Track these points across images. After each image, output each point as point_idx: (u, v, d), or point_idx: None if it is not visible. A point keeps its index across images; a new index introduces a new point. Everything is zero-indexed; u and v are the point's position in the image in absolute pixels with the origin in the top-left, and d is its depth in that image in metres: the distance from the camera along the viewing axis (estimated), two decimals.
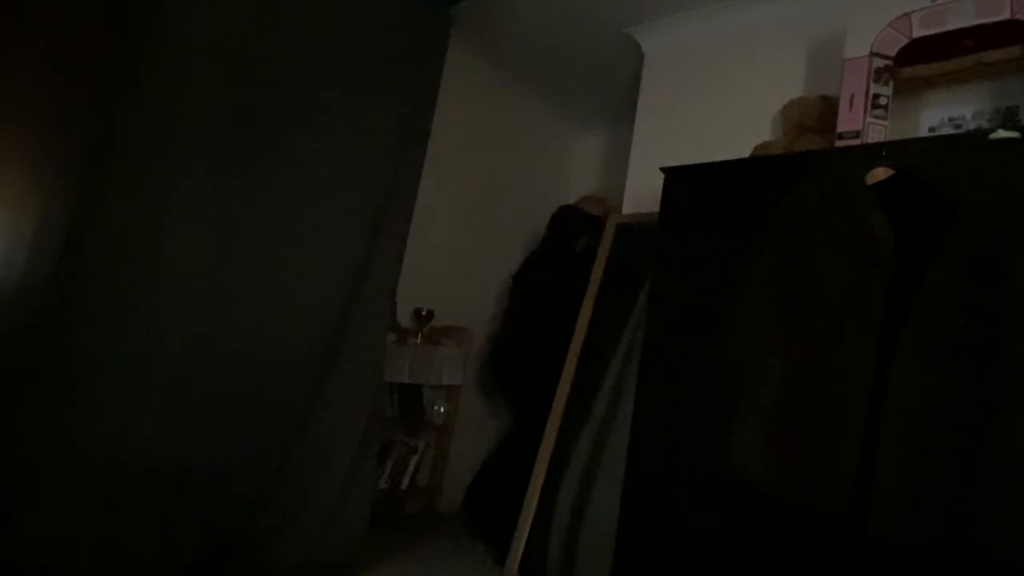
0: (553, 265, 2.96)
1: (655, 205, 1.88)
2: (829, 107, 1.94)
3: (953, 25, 1.60)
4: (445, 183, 2.97)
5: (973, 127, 1.72)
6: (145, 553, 1.67)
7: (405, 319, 2.88)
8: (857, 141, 1.67)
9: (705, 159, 1.82)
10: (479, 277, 3.25)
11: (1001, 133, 1.30)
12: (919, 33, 1.65)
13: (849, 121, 1.71)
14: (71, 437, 1.55)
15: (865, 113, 1.68)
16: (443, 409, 3.01)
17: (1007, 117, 1.67)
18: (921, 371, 1.23)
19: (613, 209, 2.85)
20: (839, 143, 1.71)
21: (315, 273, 2.02)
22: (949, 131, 1.75)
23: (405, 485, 2.81)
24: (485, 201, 3.33)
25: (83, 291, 1.58)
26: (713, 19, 2.59)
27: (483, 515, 2.61)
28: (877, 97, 1.69)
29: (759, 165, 1.85)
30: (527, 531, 2.10)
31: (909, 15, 1.66)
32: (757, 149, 2.13)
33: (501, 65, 3.25)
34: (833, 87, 1.86)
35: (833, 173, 1.51)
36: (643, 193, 2.55)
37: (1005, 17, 1.52)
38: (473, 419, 3.18)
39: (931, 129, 1.79)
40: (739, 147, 2.12)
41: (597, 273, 2.42)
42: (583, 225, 2.97)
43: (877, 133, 1.68)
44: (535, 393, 2.63)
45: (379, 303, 2.24)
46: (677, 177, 1.84)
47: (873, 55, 1.70)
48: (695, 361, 1.64)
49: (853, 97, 1.71)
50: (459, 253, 3.16)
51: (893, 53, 1.69)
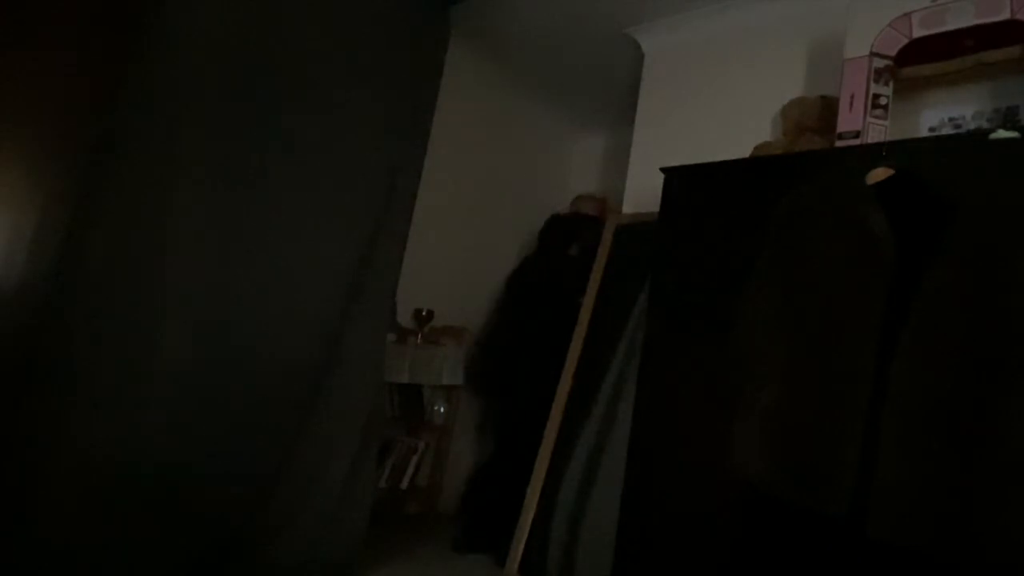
0: (547, 270, 2.95)
1: (655, 205, 1.89)
2: (829, 107, 1.94)
3: (953, 25, 1.60)
4: (445, 183, 2.97)
5: (973, 127, 1.72)
6: (145, 553, 1.67)
7: (405, 319, 2.88)
8: (857, 141, 1.67)
9: (705, 159, 1.83)
10: (479, 277, 3.25)
11: (1001, 133, 1.30)
12: (919, 33, 1.65)
13: (849, 121, 1.71)
14: (71, 437, 1.55)
15: (865, 113, 1.68)
16: (443, 409, 3.01)
17: (1007, 117, 1.67)
18: (921, 371, 1.23)
19: (612, 209, 2.85)
20: (839, 143, 1.71)
21: (315, 273, 2.02)
22: (949, 131, 1.75)
23: (405, 485, 2.81)
24: (485, 201, 3.33)
25: (83, 291, 1.58)
26: (713, 19, 2.59)
27: (479, 522, 2.57)
28: (877, 97, 1.69)
29: (759, 165, 1.85)
30: (527, 531, 2.10)
31: (909, 15, 1.66)
32: (757, 149, 2.13)
33: (501, 65, 3.25)
34: (833, 87, 1.86)
35: (833, 173, 1.51)
36: (643, 193, 2.55)
37: (1005, 17, 1.53)
38: (473, 419, 3.18)
39: (931, 129, 1.79)
40: (739, 147, 2.12)
41: (597, 273, 2.41)
42: (575, 230, 2.97)
43: (877, 133, 1.68)
44: (523, 396, 2.63)
45: (379, 303, 2.23)
46: (677, 177, 1.84)
47: (873, 55, 1.70)
48: (695, 361, 1.64)
49: (853, 97, 1.71)
50: (459, 253, 3.16)
51: (893, 53, 1.69)
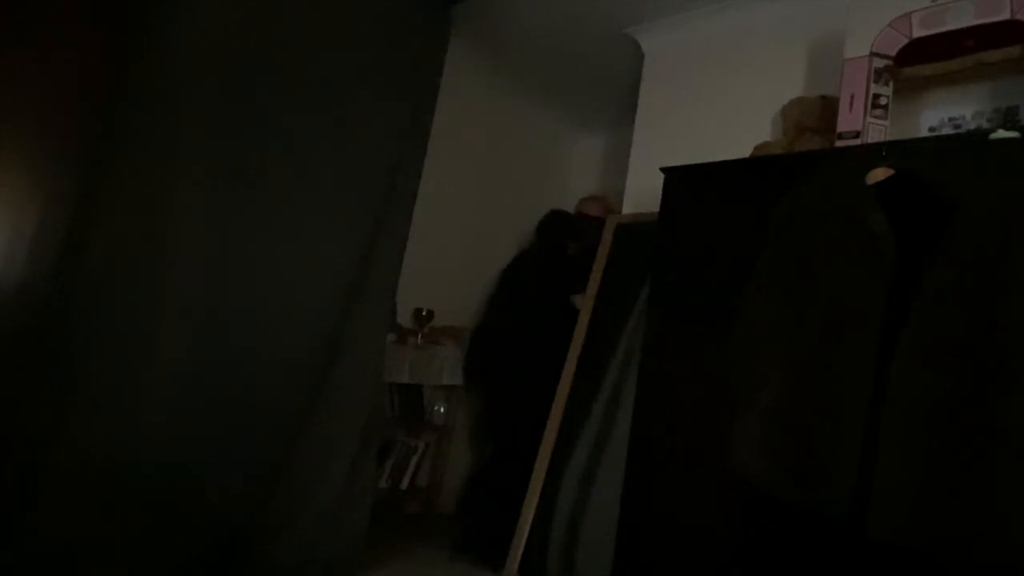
0: (542, 266, 2.90)
1: (655, 205, 1.88)
2: (829, 107, 1.94)
3: (953, 25, 1.60)
4: (445, 183, 2.97)
5: (973, 127, 1.72)
6: (145, 553, 1.67)
7: (405, 319, 2.88)
8: (857, 141, 1.67)
9: (705, 159, 1.83)
10: (479, 277, 3.25)
11: (1001, 133, 1.30)
12: (919, 33, 1.65)
13: (849, 121, 1.71)
14: (71, 437, 1.55)
15: (865, 113, 1.68)
16: (443, 409, 3.01)
17: (1007, 117, 1.67)
18: (921, 371, 1.23)
19: (614, 209, 2.85)
20: (839, 143, 1.71)
21: (315, 273, 2.02)
22: (949, 131, 1.75)
23: (405, 485, 2.81)
24: (485, 201, 3.33)
25: (83, 291, 1.58)
26: (713, 19, 2.59)
27: (476, 528, 2.52)
28: (877, 97, 1.69)
29: (759, 165, 1.85)
30: (527, 531, 2.10)
31: (909, 15, 1.66)
32: (757, 149, 2.13)
33: (501, 65, 3.25)
34: (833, 87, 1.86)
35: (833, 173, 1.51)
36: (643, 193, 2.55)
37: (1005, 17, 1.52)
38: (473, 419, 3.18)
39: (931, 129, 1.79)
40: (739, 147, 2.12)
41: (597, 273, 2.41)
42: (573, 229, 2.95)
43: (877, 133, 1.68)
44: (514, 393, 2.60)
45: (379, 303, 2.23)
46: (677, 177, 1.84)
47: (873, 55, 1.70)
48: (695, 361, 1.64)
49: (853, 97, 1.71)
50: (459, 253, 3.16)
51: (893, 53, 1.69)
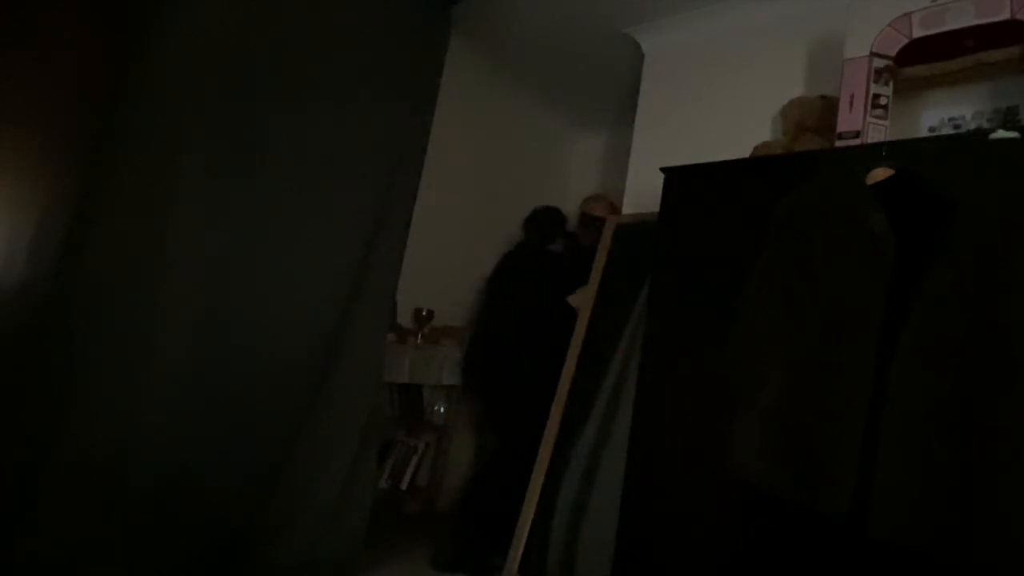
0: (529, 267, 2.84)
1: (655, 205, 1.88)
2: (829, 107, 1.94)
3: (953, 25, 1.60)
4: (445, 183, 2.97)
5: (973, 127, 1.72)
6: (145, 553, 1.67)
7: (405, 319, 2.88)
8: (857, 141, 1.67)
9: (705, 159, 1.82)
10: (479, 277, 3.25)
11: (1001, 133, 1.30)
12: (919, 33, 1.65)
13: (849, 121, 1.71)
14: (71, 437, 1.55)
15: (865, 113, 1.68)
16: (443, 409, 3.01)
17: (1007, 117, 1.67)
18: (921, 371, 1.23)
19: (618, 208, 2.84)
20: (839, 143, 1.71)
21: (315, 273, 2.02)
22: (949, 131, 1.75)
23: (405, 485, 2.81)
24: (485, 201, 3.33)
25: (83, 291, 1.58)
26: (713, 19, 2.59)
27: (474, 535, 2.48)
28: (877, 97, 1.69)
29: (759, 165, 1.85)
30: (527, 531, 2.10)
31: (909, 15, 1.66)
32: (757, 149, 2.13)
33: (501, 65, 3.25)
34: (833, 87, 1.86)
35: (833, 173, 1.51)
36: (643, 193, 2.55)
37: (1005, 17, 1.52)
38: (473, 419, 3.18)
39: (931, 129, 1.79)
40: (739, 147, 2.12)
41: (597, 273, 2.41)
42: (560, 225, 2.92)
43: (877, 133, 1.68)
44: (513, 400, 2.58)
45: (379, 303, 2.23)
46: (677, 177, 1.84)
47: (873, 55, 1.70)
48: (695, 361, 1.64)
49: (853, 97, 1.71)
50: (459, 253, 3.16)
51: (893, 53, 1.69)
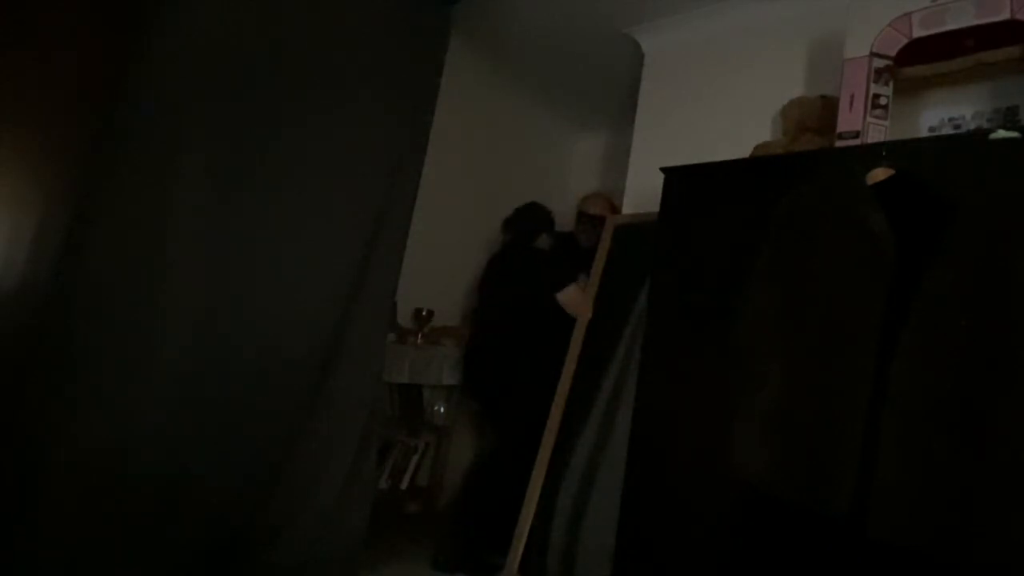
0: (514, 266, 2.76)
1: (655, 205, 1.88)
2: (829, 107, 1.94)
3: (953, 25, 1.60)
4: (445, 183, 2.97)
5: (973, 127, 1.72)
6: (145, 553, 1.67)
7: (405, 319, 2.88)
8: (857, 141, 1.67)
9: (705, 159, 1.83)
10: (479, 277, 3.25)
11: (1001, 133, 1.30)
12: (919, 33, 1.65)
13: (849, 121, 1.71)
14: (71, 437, 1.55)
15: (865, 113, 1.68)
16: (443, 409, 3.00)
17: (1007, 117, 1.67)
18: (921, 371, 1.23)
19: (617, 207, 2.83)
20: (839, 143, 1.71)
21: (315, 273, 2.02)
22: (949, 131, 1.76)
23: (405, 485, 2.81)
24: (485, 201, 3.32)
25: (83, 291, 1.58)
26: (713, 19, 2.59)
27: (473, 534, 2.45)
28: (877, 97, 1.69)
29: (759, 165, 1.85)
30: (527, 531, 2.10)
31: (909, 15, 1.66)
32: (757, 149, 2.13)
33: (501, 65, 3.25)
34: (833, 87, 1.86)
35: (833, 173, 1.51)
36: (643, 193, 2.55)
37: (1005, 17, 1.52)
38: (473, 419, 3.18)
39: (931, 129, 1.80)
40: (739, 147, 2.12)
41: (597, 273, 2.42)
42: (545, 221, 2.86)
43: (877, 133, 1.68)
44: (509, 399, 2.57)
45: (379, 303, 2.23)
46: (677, 177, 1.84)
47: (873, 55, 1.70)
48: (695, 361, 1.64)
49: (853, 97, 1.71)
50: (459, 253, 3.16)
51: (893, 53, 1.69)
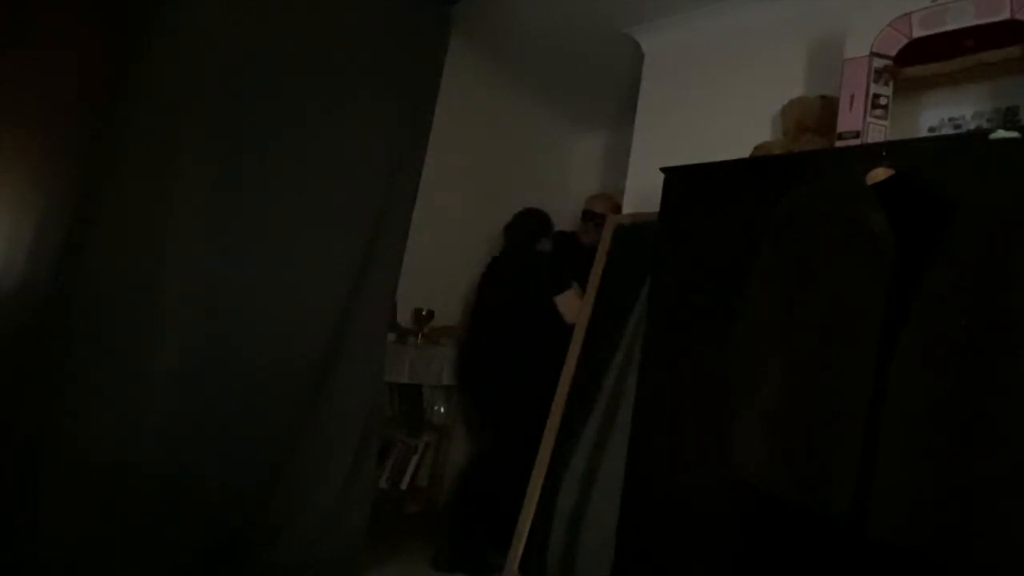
0: (515, 268, 2.78)
1: (655, 205, 1.88)
2: (829, 107, 1.94)
3: (953, 25, 1.60)
4: (445, 183, 2.97)
5: (973, 127, 1.72)
6: (145, 553, 1.67)
7: (405, 319, 2.87)
8: (857, 141, 1.67)
9: (705, 159, 1.82)
10: (479, 277, 3.25)
11: (1001, 133, 1.30)
12: (919, 33, 1.65)
13: (849, 121, 1.71)
14: (71, 437, 1.55)
15: (865, 113, 1.68)
16: (443, 409, 3.00)
17: (1007, 117, 1.67)
18: (921, 371, 1.23)
19: (621, 207, 2.83)
20: (839, 143, 1.71)
21: (315, 273, 2.02)
22: (949, 131, 1.76)
23: (405, 485, 2.80)
24: (485, 201, 3.33)
25: (83, 291, 1.58)
26: (713, 19, 2.59)
27: (464, 544, 2.44)
28: (877, 97, 1.69)
29: (759, 165, 1.85)
30: (527, 531, 2.10)
31: (909, 15, 1.66)
32: (757, 149, 2.13)
33: (501, 65, 3.25)
34: (833, 87, 1.86)
35: (833, 173, 1.51)
36: (643, 193, 2.55)
37: (1005, 17, 1.52)
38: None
39: (931, 129, 1.80)
40: (739, 147, 2.12)
41: (597, 273, 2.41)
42: (545, 225, 2.90)
43: (877, 133, 1.68)
44: (505, 399, 2.57)
45: (379, 303, 2.23)
46: (677, 177, 1.84)
47: (873, 55, 1.70)
48: (695, 361, 1.64)
49: (853, 97, 1.71)
50: (459, 253, 3.15)
51: (893, 53, 1.69)
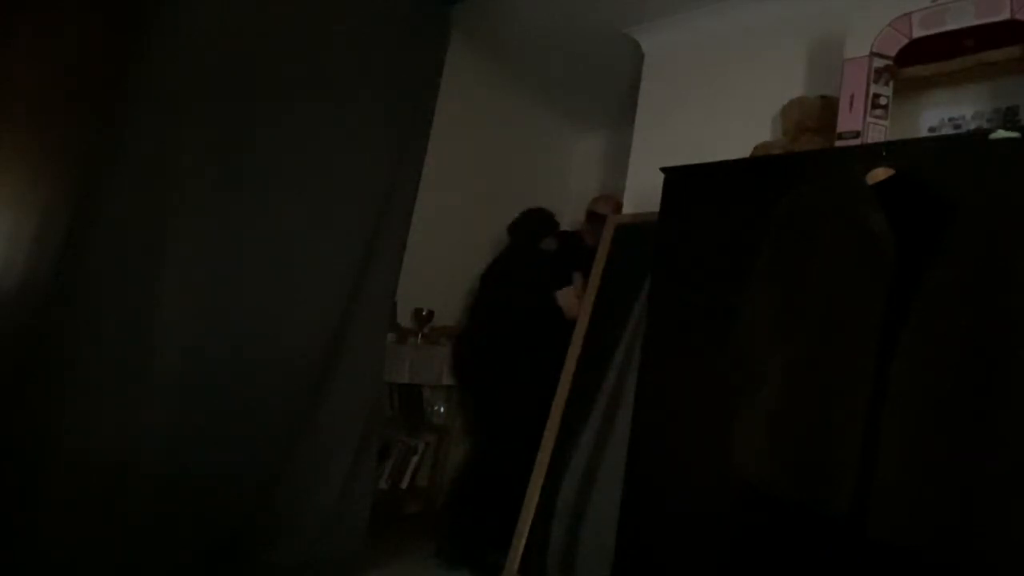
0: (520, 266, 2.79)
1: (655, 205, 1.88)
2: (829, 107, 1.94)
3: (953, 25, 1.60)
4: (445, 183, 2.97)
5: (973, 127, 1.72)
6: (145, 553, 1.67)
7: (405, 319, 2.88)
8: (857, 141, 1.67)
9: (705, 159, 1.82)
10: (479, 278, 3.25)
11: (1001, 133, 1.30)
12: (919, 33, 1.65)
13: (849, 121, 1.71)
14: (71, 437, 1.55)
15: (865, 113, 1.68)
16: (443, 409, 3.00)
17: (1007, 117, 1.67)
18: (921, 371, 1.23)
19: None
20: (839, 143, 1.71)
21: (315, 273, 2.02)
22: (949, 131, 1.75)
23: (405, 485, 2.81)
24: (485, 201, 3.33)
25: (83, 291, 1.58)
26: (713, 19, 2.59)
27: (465, 541, 2.44)
28: (877, 97, 1.69)
29: (759, 165, 1.85)
30: (527, 531, 2.10)
31: (909, 15, 1.66)
32: (757, 149, 2.13)
33: (501, 65, 3.25)
34: (833, 87, 1.86)
35: (833, 173, 1.51)
36: (643, 193, 2.55)
37: (1005, 17, 1.53)
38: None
39: (931, 129, 1.79)
40: (739, 147, 2.12)
41: (597, 273, 2.41)
42: (550, 225, 2.90)
43: (877, 133, 1.68)
44: (503, 398, 2.57)
45: (379, 303, 2.24)
46: (677, 177, 1.84)
47: (873, 55, 1.70)
48: (695, 361, 1.64)
49: (853, 97, 1.71)
50: (459, 253, 3.16)
51: (893, 53, 1.69)
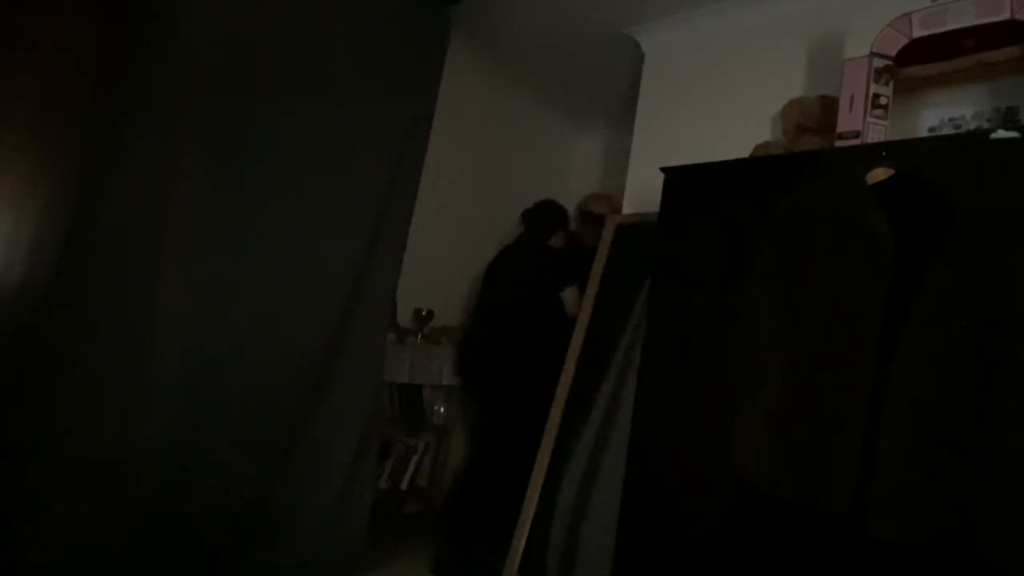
0: (526, 261, 2.78)
1: (655, 205, 1.88)
2: (829, 107, 1.94)
3: (953, 25, 1.60)
4: (445, 183, 2.97)
5: (973, 127, 1.72)
6: (145, 553, 1.67)
7: (405, 319, 2.87)
8: (857, 141, 1.67)
9: (705, 159, 1.82)
10: (479, 277, 3.25)
11: (1001, 133, 1.30)
12: (919, 33, 1.65)
13: (849, 121, 1.71)
14: (71, 437, 1.55)
15: (865, 113, 1.68)
16: (443, 409, 3.00)
17: (1007, 117, 1.67)
18: (921, 371, 1.23)
19: (619, 208, 2.83)
20: (839, 143, 1.71)
21: (315, 273, 2.03)
22: (949, 131, 1.75)
23: (405, 485, 2.81)
24: (485, 201, 3.33)
25: (83, 291, 1.58)
26: (713, 19, 2.59)
27: (469, 536, 2.42)
28: (877, 97, 1.69)
29: (759, 165, 1.85)
30: (527, 532, 2.10)
31: (909, 15, 1.66)
32: (757, 149, 2.13)
33: (501, 65, 3.25)
34: (833, 87, 1.86)
35: (833, 173, 1.51)
36: (643, 193, 2.55)
37: (1005, 17, 1.52)
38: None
39: (931, 129, 1.79)
40: (739, 147, 2.12)
41: (597, 273, 2.41)
42: (561, 219, 2.91)
43: (877, 133, 1.68)
44: (505, 396, 2.56)
45: (379, 303, 2.24)
46: (677, 177, 1.84)
47: (873, 55, 1.70)
48: (695, 361, 1.64)
49: (853, 97, 1.71)
50: (459, 253, 3.16)
51: (893, 53, 1.69)
